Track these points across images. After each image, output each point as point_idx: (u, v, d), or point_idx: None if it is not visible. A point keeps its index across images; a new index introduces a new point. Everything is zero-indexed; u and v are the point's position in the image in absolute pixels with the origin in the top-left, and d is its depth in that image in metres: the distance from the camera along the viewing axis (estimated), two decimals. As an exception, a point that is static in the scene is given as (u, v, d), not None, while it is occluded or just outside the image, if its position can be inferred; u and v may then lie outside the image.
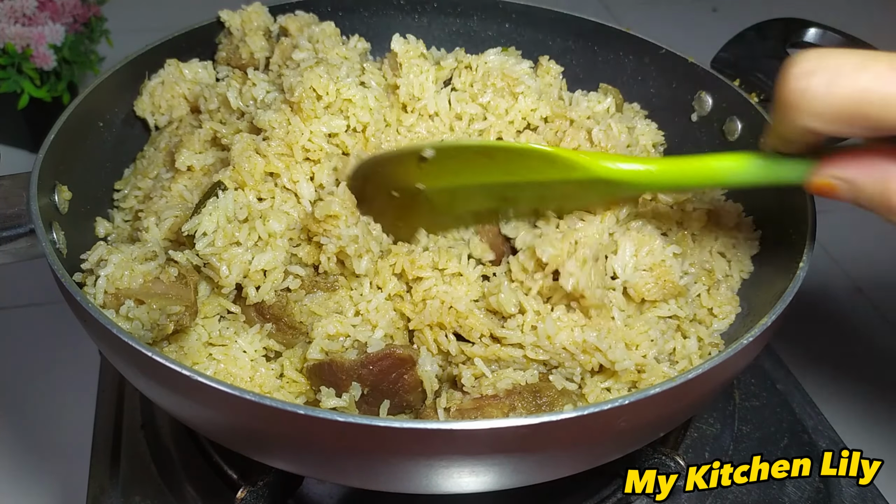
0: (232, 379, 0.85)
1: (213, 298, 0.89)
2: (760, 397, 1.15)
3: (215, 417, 0.76)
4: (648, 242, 0.88)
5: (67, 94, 2.10)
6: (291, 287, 0.89)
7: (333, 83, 0.95)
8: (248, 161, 0.90)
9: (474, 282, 0.90)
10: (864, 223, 2.22)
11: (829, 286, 1.99)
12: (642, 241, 0.88)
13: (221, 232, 0.85)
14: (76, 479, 1.15)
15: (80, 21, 2.14)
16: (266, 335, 0.89)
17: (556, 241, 0.85)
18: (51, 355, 1.71)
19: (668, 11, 2.99)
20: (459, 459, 0.72)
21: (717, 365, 0.73)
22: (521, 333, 0.84)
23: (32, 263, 0.91)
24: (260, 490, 0.92)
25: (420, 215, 0.95)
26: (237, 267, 0.85)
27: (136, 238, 0.95)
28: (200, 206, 0.86)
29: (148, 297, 0.83)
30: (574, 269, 0.83)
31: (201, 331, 0.87)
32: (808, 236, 0.88)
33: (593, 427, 0.70)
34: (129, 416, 1.10)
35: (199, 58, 1.17)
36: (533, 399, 0.82)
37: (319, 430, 0.68)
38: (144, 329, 0.82)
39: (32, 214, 0.84)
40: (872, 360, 1.83)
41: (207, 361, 0.85)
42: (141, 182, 1.06)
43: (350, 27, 1.26)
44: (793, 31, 1.21)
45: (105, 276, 0.83)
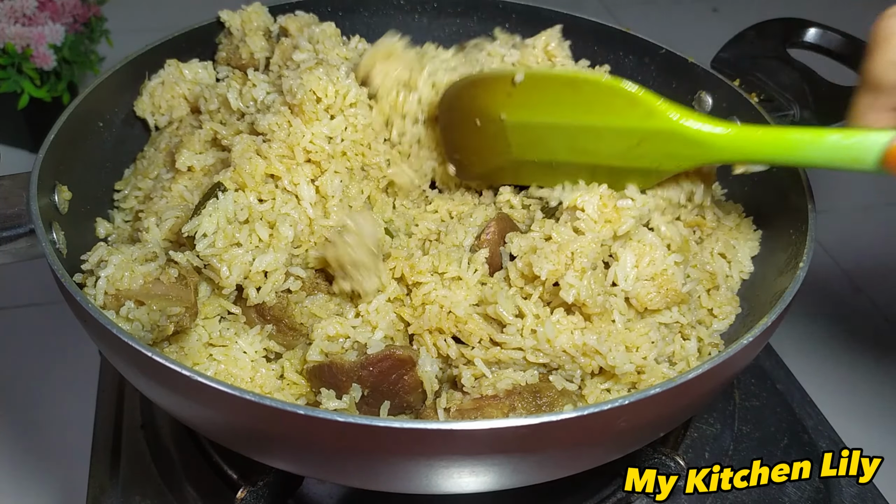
0: (232, 379, 0.85)
1: (214, 299, 0.89)
2: (760, 397, 1.15)
3: (215, 417, 0.76)
4: (650, 252, 0.87)
5: (67, 94, 2.10)
6: (292, 288, 0.89)
7: (333, 85, 0.95)
8: (249, 163, 0.90)
9: (473, 286, 0.89)
10: (864, 223, 2.23)
11: (829, 286, 1.99)
12: (643, 252, 0.87)
13: (222, 233, 0.85)
14: (76, 479, 1.15)
15: (80, 21, 2.14)
16: (266, 336, 0.89)
17: (552, 254, 0.84)
18: (51, 355, 1.71)
19: (668, 11, 2.99)
20: (459, 459, 0.72)
21: (717, 365, 0.73)
22: (520, 338, 0.84)
23: (32, 263, 0.91)
24: (260, 490, 0.92)
25: (496, 153, 0.96)
26: (238, 268, 0.85)
27: (136, 239, 0.95)
28: (200, 207, 0.86)
29: (148, 298, 0.82)
30: (573, 280, 0.82)
31: (202, 331, 0.87)
32: (808, 236, 0.88)
33: (593, 427, 0.70)
34: (129, 416, 1.10)
35: (199, 58, 1.17)
36: (533, 399, 0.82)
37: (319, 430, 0.68)
38: (144, 330, 0.81)
39: (32, 214, 0.84)
40: (872, 360, 1.83)
41: (208, 362, 0.85)
42: (141, 182, 1.06)
43: (350, 27, 1.26)
44: (793, 31, 1.21)
45: (105, 276, 0.83)
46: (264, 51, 1.13)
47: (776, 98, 1.05)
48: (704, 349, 0.92)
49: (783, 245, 0.94)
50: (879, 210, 2.26)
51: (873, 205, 2.27)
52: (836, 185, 2.13)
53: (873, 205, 2.27)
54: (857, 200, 2.24)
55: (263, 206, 0.90)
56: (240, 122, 1.02)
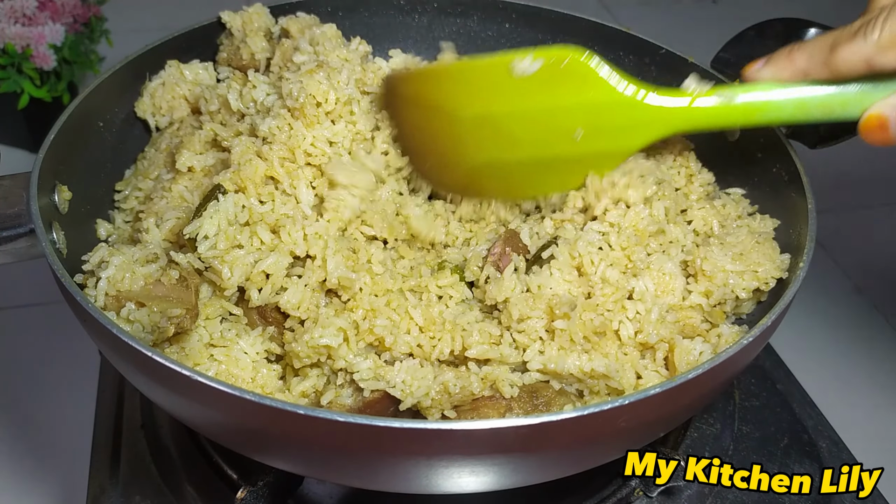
0: (233, 380, 0.84)
1: (215, 300, 0.89)
2: (760, 397, 1.15)
3: (215, 417, 0.76)
4: (670, 283, 0.87)
5: (67, 94, 2.11)
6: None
7: (333, 91, 0.94)
8: (249, 164, 0.90)
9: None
10: (864, 223, 2.23)
11: (829, 286, 1.99)
12: (663, 283, 0.87)
13: (223, 235, 0.85)
14: (76, 479, 1.16)
15: (80, 21, 2.15)
16: (268, 338, 0.89)
17: (526, 304, 0.84)
18: (51, 355, 1.71)
19: (668, 11, 2.99)
20: (459, 459, 0.72)
21: (717, 365, 0.73)
22: (521, 352, 0.85)
23: (32, 263, 0.91)
24: (260, 490, 0.92)
25: (457, 156, 0.93)
26: (239, 269, 0.85)
27: (136, 239, 0.95)
28: (201, 208, 0.86)
29: (149, 299, 0.82)
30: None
31: (203, 332, 0.87)
32: (807, 236, 0.88)
33: (593, 427, 0.70)
34: (129, 416, 1.10)
35: (200, 58, 1.17)
36: (530, 399, 0.82)
37: (319, 430, 0.68)
38: (145, 332, 0.81)
39: (32, 214, 0.84)
40: (872, 360, 1.83)
41: (209, 362, 0.85)
42: (141, 183, 1.06)
43: (350, 27, 1.26)
44: (793, 31, 1.20)
45: (106, 278, 0.83)
46: (265, 52, 1.13)
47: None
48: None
49: (783, 245, 0.94)
50: (879, 210, 2.26)
51: (873, 205, 2.27)
52: (837, 185, 2.13)
53: (873, 205, 2.27)
54: (857, 200, 2.25)
55: (264, 207, 0.90)
56: (240, 122, 1.02)
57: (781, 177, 0.98)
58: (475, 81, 0.88)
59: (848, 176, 2.19)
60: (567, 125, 0.88)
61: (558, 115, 0.88)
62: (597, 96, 0.85)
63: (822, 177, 1.10)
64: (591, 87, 0.85)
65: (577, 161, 0.91)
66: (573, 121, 0.87)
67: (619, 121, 0.87)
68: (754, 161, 1.04)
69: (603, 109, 0.86)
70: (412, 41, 1.30)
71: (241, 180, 0.90)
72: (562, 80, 0.85)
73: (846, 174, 2.16)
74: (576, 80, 0.85)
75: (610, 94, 0.85)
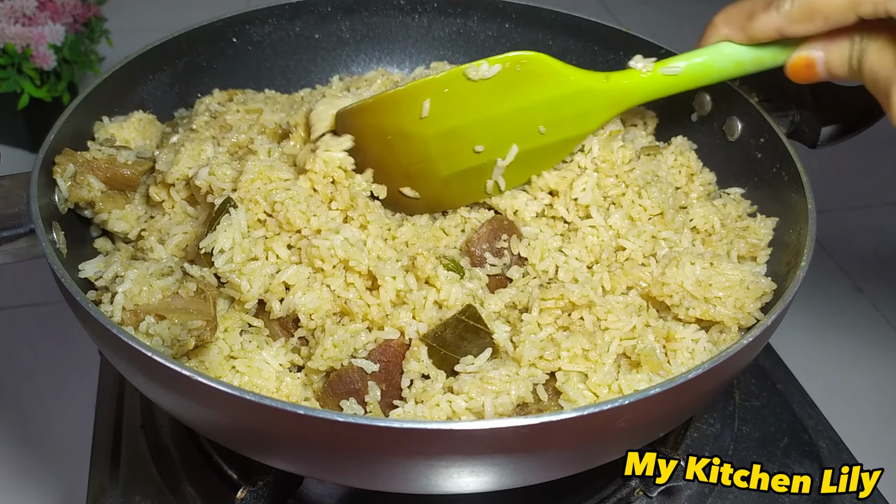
0: (258, 390, 0.82)
1: (233, 312, 0.88)
2: (760, 397, 1.15)
3: (215, 417, 0.76)
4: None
5: (67, 94, 2.10)
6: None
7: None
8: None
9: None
10: (864, 223, 2.23)
11: (829, 286, 1.99)
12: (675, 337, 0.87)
13: (238, 248, 0.84)
14: (76, 479, 1.16)
15: (80, 21, 2.15)
16: (291, 349, 0.87)
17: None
18: (51, 355, 1.71)
19: (668, 11, 2.99)
20: (459, 459, 0.72)
21: (717, 365, 0.73)
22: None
23: (32, 263, 0.91)
24: (260, 490, 0.92)
25: (426, 174, 0.94)
26: (258, 281, 0.84)
27: (139, 258, 0.93)
28: (214, 223, 0.85)
29: (168, 312, 0.81)
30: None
31: (222, 345, 0.85)
32: (807, 236, 0.88)
33: (593, 427, 0.70)
34: (129, 416, 1.10)
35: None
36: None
37: (319, 430, 0.68)
38: (165, 345, 0.80)
39: (32, 214, 0.84)
40: (872, 360, 1.83)
41: (231, 374, 0.83)
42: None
43: (350, 27, 1.26)
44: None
45: (122, 292, 0.81)
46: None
47: (776, 98, 1.05)
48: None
49: (783, 245, 0.94)
50: (879, 210, 2.26)
51: (873, 205, 2.27)
52: (837, 185, 2.13)
53: (873, 205, 2.27)
54: (857, 200, 2.25)
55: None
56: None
57: (781, 177, 0.98)
58: (435, 99, 0.89)
59: (848, 176, 2.19)
60: (531, 123, 0.92)
61: (522, 115, 0.91)
62: (555, 91, 0.91)
63: (822, 177, 1.10)
64: (550, 84, 0.90)
65: (543, 150, 0.95)
66: (536, 118, 0.92)
67: (579, 108, 0.92)
68: (754, 161, 1.04)
69: (563, 102, 0.92)
70: (412, 41, 1.31)
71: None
72: (520, 81, 0.89)
73: (846, 174, 2.16)
74: (534, 79, 0.90)
75: (567, 86, 0.91)
